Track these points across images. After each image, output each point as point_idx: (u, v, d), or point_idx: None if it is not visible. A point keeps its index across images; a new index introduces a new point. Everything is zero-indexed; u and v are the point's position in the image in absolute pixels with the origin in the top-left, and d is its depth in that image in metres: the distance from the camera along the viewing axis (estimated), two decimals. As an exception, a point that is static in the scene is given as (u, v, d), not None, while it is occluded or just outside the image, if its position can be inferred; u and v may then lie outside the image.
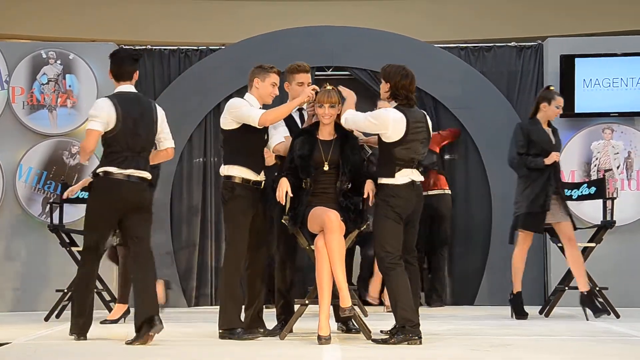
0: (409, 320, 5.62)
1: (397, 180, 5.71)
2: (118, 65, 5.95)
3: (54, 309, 7.68)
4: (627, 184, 8.81)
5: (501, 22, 12.57)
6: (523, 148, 7.43)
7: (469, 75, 9.09)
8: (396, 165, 5.71)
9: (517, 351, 5.38)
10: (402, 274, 5.68)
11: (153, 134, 5.96)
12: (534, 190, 7.37)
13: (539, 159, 7.36)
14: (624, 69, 8.85)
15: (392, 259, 5.67)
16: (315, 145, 5.96)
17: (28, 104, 8.92)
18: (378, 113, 5.77)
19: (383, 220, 5.72)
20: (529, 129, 7.48)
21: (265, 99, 6.13)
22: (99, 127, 5.77)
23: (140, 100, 5.95)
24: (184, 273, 8.95)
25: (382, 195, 5.75)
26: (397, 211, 5.70)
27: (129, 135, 5.81)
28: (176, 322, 7.12)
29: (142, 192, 5.85)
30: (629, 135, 8.86)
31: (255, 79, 6.10)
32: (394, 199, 5.70)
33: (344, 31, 9.34)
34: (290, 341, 5.86)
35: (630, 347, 5.67)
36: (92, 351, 5.52)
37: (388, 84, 5.78)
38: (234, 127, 5.99)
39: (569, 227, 7.42)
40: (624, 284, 8.52)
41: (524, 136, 7.45)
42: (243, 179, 5.99)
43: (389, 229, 5.70)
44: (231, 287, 5.94)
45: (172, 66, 9.31)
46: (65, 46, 9.14)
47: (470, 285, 8.96)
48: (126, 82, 5.94)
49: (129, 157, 5.80)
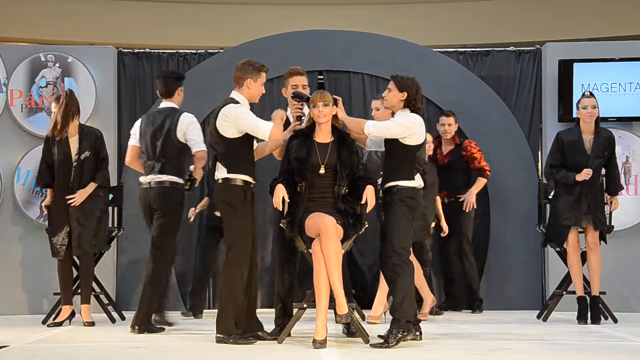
0: (409, 317, 5.77)
1: (415, 184, 5.95)
2: (162, 84, 6.89)
3: (52, 312, 7.66)
4: (626, 189, 8.80)
5: (500, 26, 12.59)
6: (557, 160, 7.36)
7: (468, 79, 9.09)
8: (414, 169, 5.94)
9: (515, 355, 5.39)
10: (411, 274, 5.85)
11: (172, 142, 6.67)
12: (565, 204, 7.31)
13: (570, 175, 7.24)
14: (622, 74, 8.86)
15: (406, 258, 5.85)
16: (312, 148, 5.96)
17: (26, 107, 8.91)
18: (405, 119, 5.91)
19: (403, 219, 5.87)
20: (563, 139, 7.36)
21: (255, 99, 6.14)
22: (132, 142, 6.92)
23: (165, 113, 6.75)
24: (182, 278, 8.93)
25: (401, 195, 5.88)
26: (412, 213, 5.92)
27: (149, 145, 6.74)
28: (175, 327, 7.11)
29: (158, 197, 6.67)
30: (627, 140, 8.87)
31: (249, 80, 6.04)
32: (412, 201, 5.89)
33: (343, 35, 9.35)
34: (288, 345, 5.86)
35: (627, 352, 5.68)
36: (89, 355, 5.52)
37: (405, 94, 5.96)
38: (237, 136, 5.98)
39: (594, 235, 7.33)
40: (622, 288, 8.52)
41: (559, 146, 7.36)
42: (247, 183, 6.01)
43: (407, 229, 5.89)
44: (234, 292, 5.92)
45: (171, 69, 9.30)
46: (64, 49, 9.13)
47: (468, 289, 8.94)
48: (167, 99, 6.87)
49: (150, 165, 6.74)
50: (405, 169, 5.92)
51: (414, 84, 5.97)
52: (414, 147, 5.92)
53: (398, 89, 5.96)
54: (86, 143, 7.20)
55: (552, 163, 7.40)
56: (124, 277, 8.84)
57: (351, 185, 5.98)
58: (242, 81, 6.05)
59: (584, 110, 7.32)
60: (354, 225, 5.91)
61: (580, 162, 7.27)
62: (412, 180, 5.91)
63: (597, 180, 7.35)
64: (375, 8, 12.88)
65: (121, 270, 8.86)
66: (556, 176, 7.34)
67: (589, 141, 7.33)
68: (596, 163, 7.30)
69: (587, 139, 7.34)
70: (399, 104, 5.98)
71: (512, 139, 8.99)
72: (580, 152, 7.29)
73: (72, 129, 7.20)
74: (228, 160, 6.00)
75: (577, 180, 7.23)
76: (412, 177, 5.92)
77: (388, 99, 6.01)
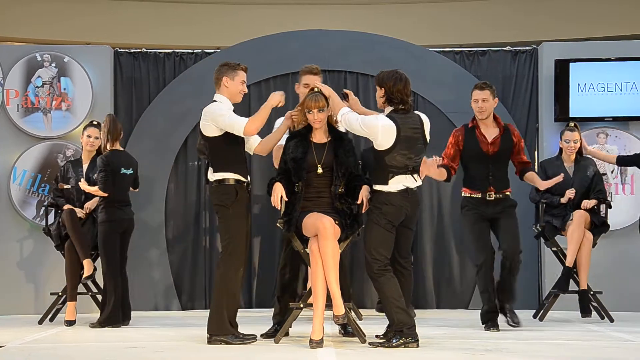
0: (405, 323, 5.64)
1: (391, 188, 5.73)
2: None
3: (48, 312, 7.66)
4: (622, 189, 8.82)
5: (496, 26, 12.59)
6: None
7: (464, 79, 9.09)
8: (389, 173, 5.73)
9: (512, 355, 5.39)
10: (391, 279, 5.71)
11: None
12: (553, 211, 7.65)
13: (555, 198, 7.61)
14: (619, 74, 8.87)
15: (381, 266, 5.71)
16: (309, 148, 5.96)
17: (22, 106, 8.90)
18: (368, 121, 5.74)
19: (374, 227, 5.74)
20: (546, 166, 7.76)
21: (235, 97, 6.08)
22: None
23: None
24: (179, 278, 8.93)
25: (375, 202, 5.77)
26: (388, 218, 5.73)
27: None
28: (169, 327, 7.11)
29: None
30: (623, 140, 8.88)
31: (224, 78, 6.02)
32: (386, 207, 5.73)
33: (339, 35, 9.34)
34: (285, 345, 5.86)
35: (623, 351, 5.68)
36: (86, 355, 5.51)
37: (382, 89, 5.80)
38: (218, 134, 5.95)
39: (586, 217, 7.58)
40: (618, 288, 8.52)
41: (543, 172, 7.68)
42: (239, 181, 5.99)
43: (379, 236, 5.72)
44: (229, 293, 5.91)
45: (167, 69, 9.29)
46: (60, 49, 9.12)
47: (464, 289, 8.96)
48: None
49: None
50: (378, 172, 5.78)
51: (392, 77, 5.75)
52: (382, 152, 5.72)
53: (378, 85, 5.84)
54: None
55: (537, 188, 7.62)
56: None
57: (348, 185, 5.97)
58: (219, 82, 6.07)
59: (566, 143, 7.72)
60: (351, 226, 5.91)
61: (565, 187, 7.56)
62: (385, 184, 5.73)
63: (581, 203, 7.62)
64: (372, 8, 12.87)
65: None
66: (542, 199, 7.67)
67: (570, 168, 7.72)
68: (580, 191, 7.62)
69: (568, 166, 7.73)
70: (381, 101, 5.86)
71: (508, 138, 8.99)
72: (564, 179, 7.42)
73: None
74: (216, 160, 5.99)
75: (562, 202, 7.59)
76: (385, 182, 5.73)
77: (377, 99, 5.96)
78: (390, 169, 5.72)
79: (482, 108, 6.76)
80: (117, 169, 7.17)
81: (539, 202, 7.72)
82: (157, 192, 8.92)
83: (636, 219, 8.22)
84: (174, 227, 9.03)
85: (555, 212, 7.64)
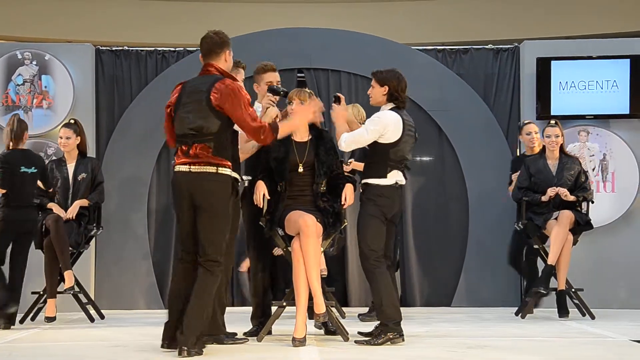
0: (392, 319, 5.68)
1: (387, 181, 5.82)
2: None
3: (29, 312, 7.62)
4: (603, 186, 8.86)
5: (478, 24, 12.62)
6: (524, 182, 7.74)
7: (446, 77, 9.12)
8: (388, 166, 5.81)
9: (494, 352, 5.41)
10: (386, 273, 5.77)
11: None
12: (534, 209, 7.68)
13: (536, 196, 7.65)
14: (600, 72, 8.90)
15: (377, 257, 5.75)
16: (290, 147, 5.96)
17: (3, 104, 8.84)
18: (376, 118, 5.83)
19: (370, 219, 5.78)
20: (530, 165, 7.78)
21: None
22: None
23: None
24: (161, 277, 8.90)
25: (369, 194, 5.81)
26: (383, 211, 5.80)
27: None
28: (151, 325, 7.08)
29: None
30: (604, 138, 8.92)
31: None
32: (381, 199, 5.79)
33: (323, 33, 9.35)
34: (268, 343, 5.85)
35: (605, 348, 5.71)
36: (67, 354, 5.48)
37: (386, 88, 5.89)
38: None
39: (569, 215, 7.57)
40: (599, 285, 8.56)
41: (526, 169, 7.76)
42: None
43: (375, 228, 5.78)
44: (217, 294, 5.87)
45: (149, 67, 9.26)
46: (41, 47, 9.07)
47: (447, 287, 8.98)
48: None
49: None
50: (376, 166, 5.84)
51: (395, 75, 5.89)
52: (387, 145, 5.81)
53: (379, 84, 5.92)
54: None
55: (519, 185, 7.75)
56: (102, 275, 8.80)
57: (331, 183, 5.98)
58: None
59: (547, 138, 7.76)
60: (334, 224, 5.92)
61: (548, 185, 7.63)
62: (383, 178, 5.80)
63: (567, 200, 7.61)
64: (354, 6, 12.88)
65: (100, 269, 8.81)
66: (524, 197, 7.69)
67: (554, 166, 7.73)
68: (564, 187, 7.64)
69: (551, 164, 7.74)
70: (382, 99, 5.93)
71: (490, 136, 9.03)
72: (547, 177, 7.63)
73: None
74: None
75: (543, 201, 7.61)
76: (383, 175, 5.80)
77: (372, 96, 5.98)
78: (390, 162, 5.82)
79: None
80: (16, 167, 7.09)
81: (520, 199, 7.75)
82: (139, 190, 8.88)
83: (617, 216, 8.27)
84: (157, 226, 9.00)
85: (537, 209, 7.67)
